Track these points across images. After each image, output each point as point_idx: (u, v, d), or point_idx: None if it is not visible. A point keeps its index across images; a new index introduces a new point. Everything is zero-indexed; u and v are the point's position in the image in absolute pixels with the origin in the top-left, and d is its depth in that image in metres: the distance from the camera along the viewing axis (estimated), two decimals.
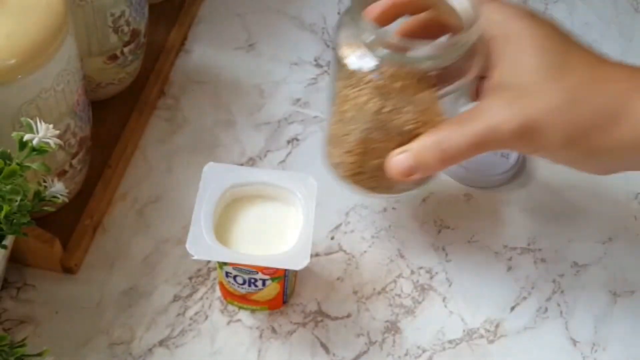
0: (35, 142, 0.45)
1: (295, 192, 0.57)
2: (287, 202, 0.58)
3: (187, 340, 0.60)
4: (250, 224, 0.58)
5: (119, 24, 0.65)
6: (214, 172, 0.58)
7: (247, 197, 0.59)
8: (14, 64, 0.49)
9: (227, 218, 0.58)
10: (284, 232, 0.57)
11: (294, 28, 0.84)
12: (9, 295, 0.61)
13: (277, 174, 0.59)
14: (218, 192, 0.57)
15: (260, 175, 0.59)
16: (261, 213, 0.58)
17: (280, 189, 0.58)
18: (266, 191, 0.58)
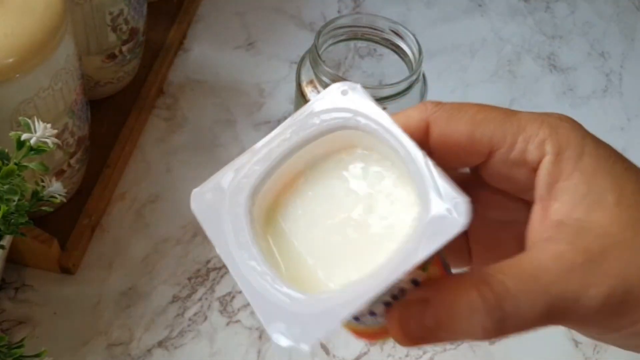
0: (33, 141, 0.44)
1: (426, 209, 0.28)
2: (409, 218, 0.30)
3: (186, 341, 0.60)
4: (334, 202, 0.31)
5: (117, 22, 0.64)
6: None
7: (366, 148, 0.32)
8: (12, 62, 0.48)
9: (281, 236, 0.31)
10: (380, 254, 0.29)
11: (293, 27, 0.83)
12: (7, 296, 0.60)
13: (423, 162, 0.29)
14: (320, 127, 0.31)
15: (400, 139, 0.30)
16: (367, 188, 0.31)
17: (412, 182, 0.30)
18: (397, 162, 0.31)
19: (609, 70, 0.84)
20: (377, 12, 0.83)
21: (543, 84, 0.82)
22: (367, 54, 0.71)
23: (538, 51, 0.85)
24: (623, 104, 0.81)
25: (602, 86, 0.83)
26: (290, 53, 0.80)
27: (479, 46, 0.85)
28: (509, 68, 0.83)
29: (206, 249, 0.64)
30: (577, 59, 0.85)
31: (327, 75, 0.55)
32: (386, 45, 0.60)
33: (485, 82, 0.82)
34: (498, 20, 0.88)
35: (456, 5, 0.89)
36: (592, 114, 0.80)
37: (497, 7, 0.90)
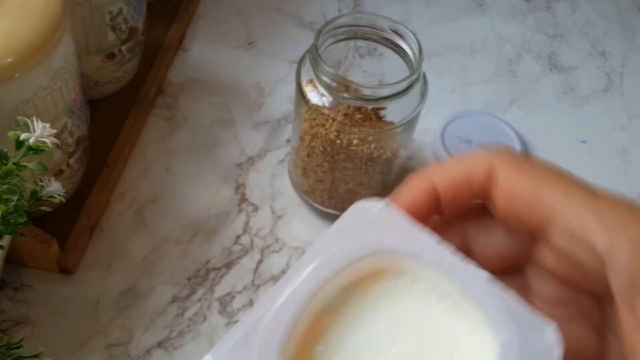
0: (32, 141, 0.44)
1: (500, 331, 0.26)
2: (477, 329, 0.27)
3: (185, 341, 0.59)
4: (378, 338, 0.27)
5: (116, 22, 0.64)
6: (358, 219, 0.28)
7: (396, 273, 0.28)
8: (11, 62, 0.48)
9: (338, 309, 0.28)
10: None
11: (293, 26, 0.83)
12: (5, 296, 0.60)
13: (488, 286, 0.27)
14: (350, 253, 0.28)
15: (452, 262, 0.27)
16: (413, 319, 0.28)
17: (477, 314, 0.27)
18: (441, 285, 0.28)
19: (609, 70, 0.84)
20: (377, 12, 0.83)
21: (544, 84, 0.82)
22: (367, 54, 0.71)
23: (539, 51, 0.85)
24: (624, 104, 0.81)
25: (603, 86, 0.82)
26: (290, 52, 0.80)
27: (480, 46, 0.85)
28: (510, 68, 0.83)
29: (206, 249, 0.64)
30: (578, 58, 0.85)
31: (327, 75, 0.55)
32: (386, 44, 0.60)
33: (485, 82, 0.81)
34: (498, 19, 0.88)
35: (456, 5, 0.89)
36: (593, 113, 0.80)
37: (497, 7, 0.90)
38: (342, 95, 0.56)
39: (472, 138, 0.73)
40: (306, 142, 0.61)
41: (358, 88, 0.55)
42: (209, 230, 0.65)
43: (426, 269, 0.27)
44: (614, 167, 0.75)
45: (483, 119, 0.75)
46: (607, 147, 0.77)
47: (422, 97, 0.59)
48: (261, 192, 0.69)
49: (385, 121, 0.59)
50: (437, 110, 0.74)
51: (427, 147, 0.74)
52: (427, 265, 0.27)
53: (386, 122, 0.59)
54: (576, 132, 0.78)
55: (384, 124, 0.58)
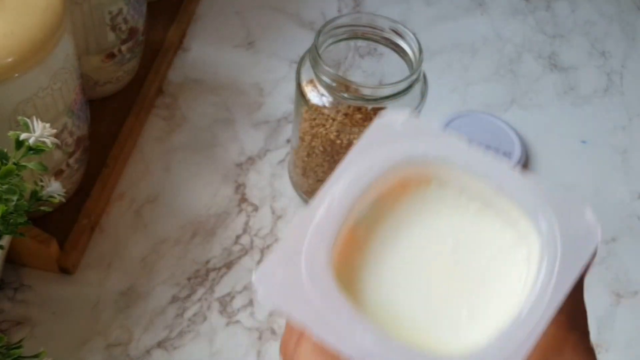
0: (32, 141, 0.44)
1: (539, 220, 0.26)
2: (513, 227, 0.28)
3: (185, 341, 0.59)
4: (415, 243, 0.28)
5: (116, 22, 0.64)
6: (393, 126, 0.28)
7: (424, 181, 0.28)
8: (11, 62, 0.48)
9: (371, 221, 0.28)
10: (485, 294, 0.27)
11: (293, 26, 0.83)
12: (5, 296, 0.60)
13: (515, 175, 0.27)
14: (380, 164, 0.27)
15: (480, 159, 0.27)
16: (446, 223, 0.28)
17: (512, 206, 0.27)
18: (472, 187, 0.28)
19: (610, 70, 0.84)
20: (377, 11, 0.83)
21: (544, 84, 0.82)
22: (367, 53, 0.71)
23: (539, 50, 0.85)
24: (624, 104, 0.81)
25: (604, 85, 0.82)
26: (290, 52, 0.80)
27: (480, 45, 0.85)
28: (510, 67, 0.83)
29: (205, 249, 0.64)
30: (578, 58, 0.85)
31: (327, 75, 0.55)
32: (386, 44, 0.60)
33: (486, 82, 0.81)
34: (499, 19, 0.88)
35: (457, 4, 0.89)
36: (593, 113, 0.80)
37: (497, 6, 0.90)
38: (342, 95, 0.56)
39: (472, 138, 0.73)
40: (306, 142, 0.61)
41: (358, 88, 0.55)
42: (208, 230, 0.65)
43: (454, 172, 0.27)
44: (614, 167, 0.75)
45: (483, 119, 0.75)
46: (608, 147, 0.77)
47: (422, 97, 0.59)
48: (261, 192, 0.69)
49: None
50: (437, 110, 0.74)
51: None
52: (458, 168, 0.27)
53: None
54: (576, 132, 0.78)
55: None
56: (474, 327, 0.25)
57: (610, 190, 0.73)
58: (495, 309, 0.25)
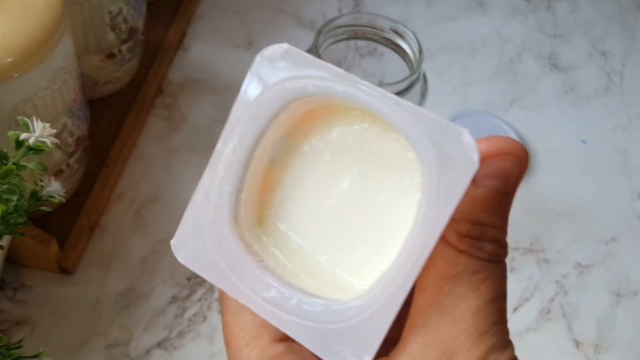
0: (32, 141, 0.44)
1: (423, 151, 0.24)
2: (406, 149, 0.26)
3: (185, 341, 0.59)
4: (318, 195, 0.27)
5: (116, 21, 0.64)
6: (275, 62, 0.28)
7: (328, 110, 0.27)
8: (11, 62, 0.48)
9: (280, 175, 0.28)
10: (393, 224, 0.26)
11: (293, 25, 0.83)
12: (5, 296, 0.60)
13: (399, 105, 0.25)
14: (270, 106, 0.27)
15: (362, 91, 0.26)
16: (358, 163, 0.27)
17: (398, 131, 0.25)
18: (372, 125, 0.27)
19: (610, 70, 0.84)
20: (377, 11, 0.83)
21: (544, 84, 0.82)
22: (367, 53, 0.71)
23: (539, 50, 0.85)
24: (625, 104, 0.81)
25: (604, 86, 0.82)
26: None
27: (480, 45, 0.85)
28: (510, 67, 0.83)
29: None
30: (578, 58, 0.85)
31: None
32: (386, 44, 0.60)
33: (486, 82, 0.81)
34: (499, 19, 0.88)
35: (457, 4, 0.89)
36: (593, 113, 0.80)
37: (498, 6, 0.90)
38: None
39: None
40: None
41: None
42: None
43: (347, 102, 0.26)
44: (614, 167, 0.75)
45: (483, 119, 0.75)
46: (608, 147, 0.77)
47: (422, 97, 0.59)
48: None
49: None
50: (437, 110, 0.74)
51: None
52: (350, 99, 0.26)
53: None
54: (576, 132, 0.78)
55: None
56: (381, 261, 0.25)
57: (610, 190, 0.73)
58: (399, 240, 0.24)
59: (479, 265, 0.23)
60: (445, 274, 0.24)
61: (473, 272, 0.23)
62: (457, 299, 0.23)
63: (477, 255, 0.24)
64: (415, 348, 0.23)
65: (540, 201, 0.71)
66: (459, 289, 0.23)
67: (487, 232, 0.24)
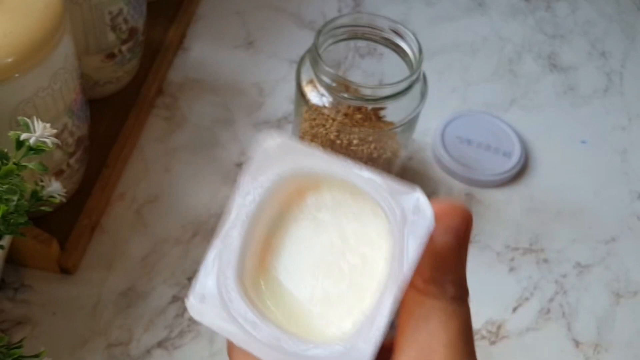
0: (32, 141, 0.44)
1: (389, 214, 0.29)
2: (377, 214, 0.31)
3: (185, 341, 0.59)
4: (310, 246, 0.32)
5: (116, 22, 0.64)
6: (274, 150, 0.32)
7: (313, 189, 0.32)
8: (11, 62, 0.48)
9: (279, 231, 0.33)
10: (370, 278, 0.30)
11: (293, 26, 0.83)
12: (6, 296, 0.60)
13: (369, 174, 0.30)
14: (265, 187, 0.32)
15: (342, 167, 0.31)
16: (333, 223, 0.32)
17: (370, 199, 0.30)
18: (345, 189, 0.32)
19: (609, 70, 0.84)
20: (377, 11, 0.83)
21: (544, 84, 0.82)
22: (367, 54, 0.71)
23: (539, 50, 0.85)
24: (624, 104, 0.81)
25: (603, 86, 0.83)
26: (290, 52, 0.80)
27: (480, 45, 0.85)
28: (510, 67, 0.83)
29: (206, 249, 0.64)
30: (578, 58, 0.85)
31: (327, 75, 0.55)
32: (386, 44, 0.60)
33: (485, 82, 0.81)
34: (499, 19, 0.88)
35: (457, 4, 0.89)
36: (593, 113, 0.80)
37: (497, 6, 0.90)
38: (342, 95, 0.56)
39: (472, 138, 0.73)
40: (306, 142, 0.61)
41: (358, 88, 0.55)
42: (209, 230, 0.65)
43: (330, 181, 0.31)
44: (613, 167, 0.75)
45: (483, 119, 0.75)
46: (607, 147, 0.77)
47: (422, 97, 0.59)
48: None
49: (385, 121, 0.59)
50: (437, 110, 0.74)
51: (427, 147, 0.74)
52: (325, 176, 0.31)
53: (386, 122, 0.59)
54: (576, 132, 0.78)
55: (384, 124, 0.58)
56: (362, 310, 0.29)
57: (609, 190, 0.73)
58: (371, 294, 0.29)
59: (444, 304, 0.27)
60: (417, 314, 0.27)
61: (439, 310, 0.27)
62: (430, 335, 0.27)
63: (442, 297, 0.27)
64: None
65: (539, 201, 0.71)
66: (431, 326, 0.27)
67: (448, 277, 0.28)
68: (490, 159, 0.71)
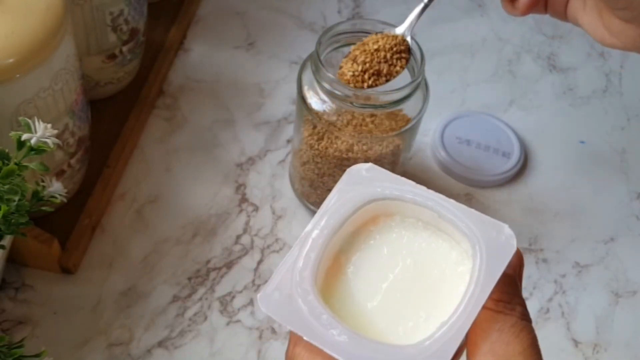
0: (34, 141, 0.44)
1: (475, 241, 0.33)
2: (455, 241, 0.35)
3: (186, 341, 0.60)
4: (383, 263, 0.35)
5: (117, 22, 0.64)
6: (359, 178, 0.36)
7: (388, 215, 0.36)
8: (13, 63, 0.48)
9: (350, 249, 0.36)
10: (438, 300, 0.34)
11: (293, 26, 0.83)
12: (7, 296, 0.60)
13: (456, 207, 0.35)
14: (351, 205, 0.35)
15: (427, 196, 0.35)
16: (407, 245, 0.36)
17: (454, 229, 0.35)
18: (423, 216, 0.36)
19: (608, 70, 0.84)
20: (377, 12, 0.83)
21: (543, 84, 0.82)
22: None
23: (538, 51, 0.85)
24: (623, 104, 0.81)
25: (602, 86, 0.83)
26: (290, 53, 0.80)
27: (479, 46, 0.85)
28: (509, 68, 0.83)
29: (206, 249, 0.65)
30: (577, 59, 0.85)
31: (329, 81, 0.55)
32: None
33: (485, 82, 0.82)
34: (498, 20, 0.88)
35: (456, 5, 0.89)
36: (592, 114, 0.80)
37: (497, 7, 0.90)
38: (344, 101, 0.56)
39: (472, 138, 0.73)
40: (307, 147, 0.61)
41: (359, 94, 0.55)
42: (209, 230, 0.66)
43: (410, 207, 0.35)
44: (613, 167, 0.75)
45: (482, 120, 0.75)
46: (606, 147, 0.77)
47: (424, 102, 0.59)
48: (261, 192, 0.69)
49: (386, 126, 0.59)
50: (437, 111, 0.74)
51: (427, 147, 0.74)
52: (409, 203, 0.35)
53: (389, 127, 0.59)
54: (575, 133, 0.78)
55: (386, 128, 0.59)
56: (427, 328, 0.32)
57: (608, 190, 0.73)
58: (444, 312, 0.31)
59: (516, 320, 0.31)
60: (489, 328, 0.31)
61: (512, 325, 0.30)
62: (504, 343, 0.30)
63: (513, 314, 0.31)
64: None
65: (539, 201, 0.71)
66: (504, 337, 0.30)
67: (516, 299, 0.32)
68: (490, 159, 0.72)
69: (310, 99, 0.58)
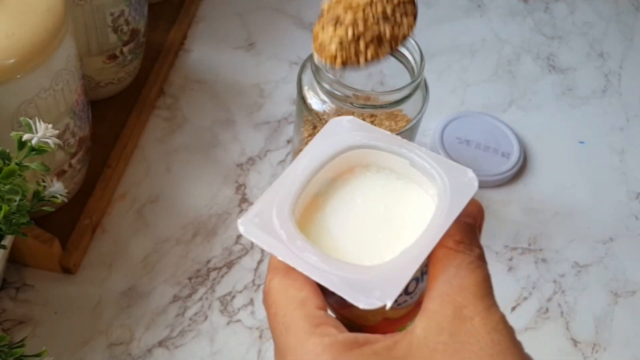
0: (35, 141, 0.44)
1: (441, 181, 0.36)
2: (424, 189, 0.38)
3: (186, 340, 0.60)
4: (357, 206, 0.38)
5: (118, 23, 0.65)
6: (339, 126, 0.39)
7: (365, 166, 0.39)
8: (13, 63, 0.49)
9: (328, 192, 0.39)
10: (405, 237, 0.36)
11: (293, 27, 0.84)
12: (7, 296, 0.61)
13: (427, 153, 0.37)
14: (331, 150, 0.38)
15: (401, 144, 0.38)
16: (380, 193, 0.38)
17: (424, 176, 0.38)
18: (397, 166, 0.39)
19: (608, 71, 0.84)
20: None
21: (542, 84, 0.82)
22: None
23: (537, 51, 0.85)
24: (622, 104, 0.81)
25: (602, 86, 0.83)
26: (290, 53, 0.80)
27: (479, 46, 0.85)
28: (509, 68, 0.83)
29: (206, 249, 0.65)
30: (577, 59, 0.85)
31: (328, 81, 0.56)
32: None
33: (485, 82, 0.82)
34: (498, 20, 0.89)
35: (456, 6, 0.90)
36: (591, 114, 0.80)
37: (496, 8, 0.90)
38: (343, 101, 0.56)
39: (471, 138, 0.74)
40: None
41: (359, 95, 0.55)
42: (209, 230, 0.66)
43: (385, 155, 0.38)
44: (612, 167, 0.75)
45: (482, 120, 0.76)
46: (606, 147, 0.77)
47: (424, 102, 0.59)
48: (262, 192, 0.69)
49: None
50: (436, 111, 0.74)
51: (427, 147, 0.74)
52: (384, 152, 0.38)
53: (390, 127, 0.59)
54: (574, 133, 0.78)
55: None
56: (391, 254, 0.34)
57: (608, 190, 0.73)
58: (408, 241, 0.34)
59: (472, 259, 0.34)
60: (449, 264, 0.34)
61: (469, 262, 0.33)
62: (461, 277, 0.33)
63: (470, 254, 0.34)
64: (435, 307, 0.32)
65: (538, 201, 0.71)
66: (461, 272, 0.33)
67: (474, 242, 0.35)
68: (489, 159, 0.72)
69: (310, 99, 0.58)
